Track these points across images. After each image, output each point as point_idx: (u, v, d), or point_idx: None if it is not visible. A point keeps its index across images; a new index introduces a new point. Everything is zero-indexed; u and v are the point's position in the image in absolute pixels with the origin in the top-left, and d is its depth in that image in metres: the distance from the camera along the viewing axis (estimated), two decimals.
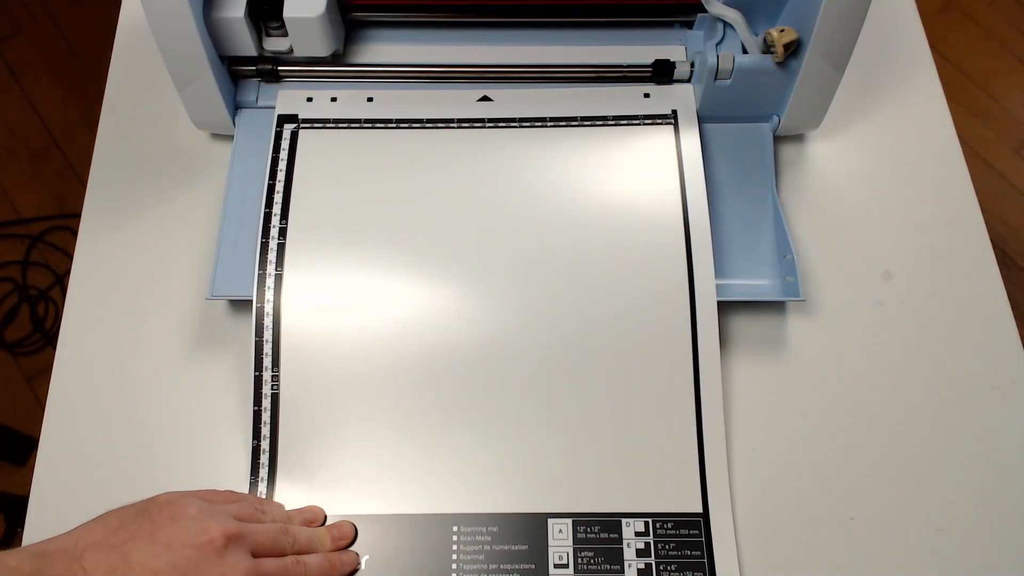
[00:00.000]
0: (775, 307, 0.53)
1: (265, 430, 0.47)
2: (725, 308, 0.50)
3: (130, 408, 0.50)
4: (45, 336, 1.25)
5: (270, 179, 0.52)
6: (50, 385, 0.50)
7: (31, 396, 1.21)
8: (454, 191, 0.52)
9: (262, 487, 0.46)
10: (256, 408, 0.47)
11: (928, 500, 0.48)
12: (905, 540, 0.47)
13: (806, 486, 0.48)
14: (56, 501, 0.47)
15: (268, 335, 0.48)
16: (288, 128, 0.54)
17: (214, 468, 0.48)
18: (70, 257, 0.55)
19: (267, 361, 0.48)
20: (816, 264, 0.54)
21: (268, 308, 0.49)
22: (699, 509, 0.46)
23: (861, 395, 0.51)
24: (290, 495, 0.46)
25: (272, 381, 0.48)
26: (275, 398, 0.47)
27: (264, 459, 0.46)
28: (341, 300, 0.49)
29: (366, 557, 0.44)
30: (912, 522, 0.48)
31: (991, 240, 0.55)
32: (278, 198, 0.51)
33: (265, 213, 0.51)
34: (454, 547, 0.45)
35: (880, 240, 0.55)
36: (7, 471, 1.13)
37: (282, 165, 0.53)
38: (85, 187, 0.56)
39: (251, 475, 0.46)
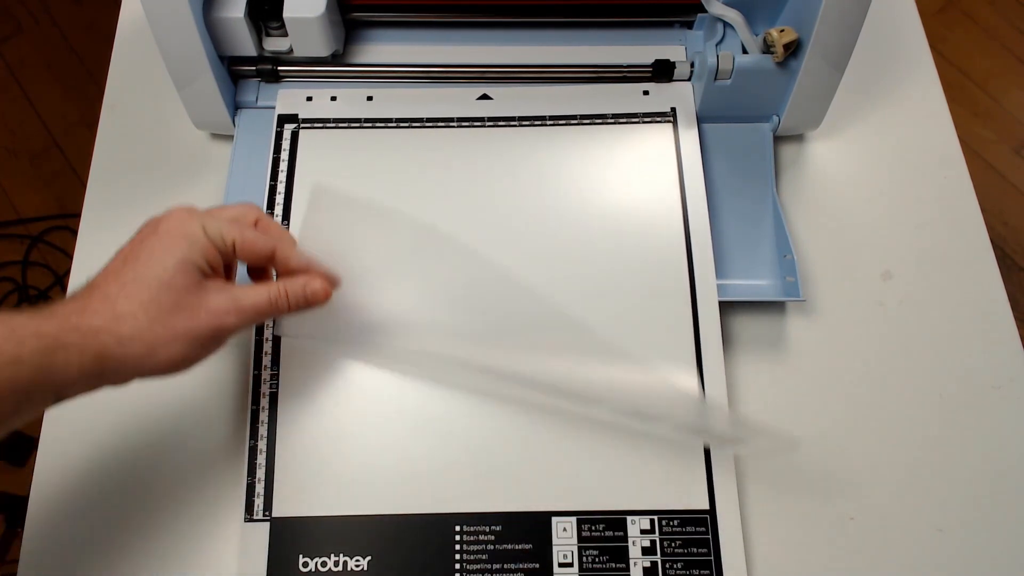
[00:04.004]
0: (775, 307, 0.53)
1: (263, 429, 0.47)
2: (725, 308, 0.50)
3: (130, 408, 0.50)
4: None
5: (271, 180, 0.52)
6: None
7: None
8: (454, 190, 0.52)
9: (260, 488, 0.46)
10: (254, 407, 0.47)
11: (928, 500, 0.48)
12: (905, 540, 0.47)
13: (806, 486, 0.48)
14: (56, 501, 0.47)
15: (268, 334, 0.48)
16: (288, 128, 0.54)
17: (214, 468, 0.48)
18: (70, 257, 0.55)
19: (267, 360, 0.48)
20: (816, 264, 0.54)
21: None
22: (706, 506, 0.45)
23: (861, 395, 0.51)
24: (289, 495, 0.46)
25: (271, 380, 0.47)
26: (274, 397, 0.47)
27: (261, 459, 0.46)
28: (343, 298, 0.49)
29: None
30: (912, 522, 0.48)
31: (991, 240, 0.55)
32: (280, 199, 0.52)
33: (267, 214, 0.51)
34: (457, 546, 0.45)
35: (880, 240, 0.55)
36: (7, 471, 1.13)
37: (283, 166, 0.53)
38: (85, 187, 0.56)
39: (248, 475, 0.46)
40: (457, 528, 0.45)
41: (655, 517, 0.45)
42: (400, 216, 0.47)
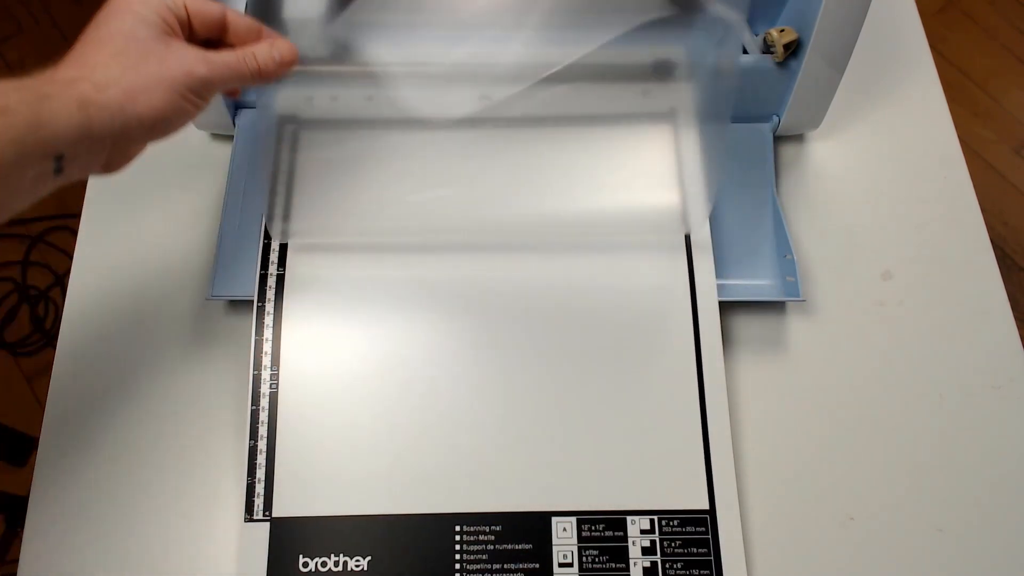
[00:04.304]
0: (775, 307, 0.53)
1: (263, 429, 0.47)
2: (725, 308, 0.50)
3: (130, 408, 0.50)
4: (45, 336, 1.25)
5: (272, 180, 0.52)
6: (50, 385, 0.50)
7: (31, 396, 1.21)
8: (452, 189, 0.52)
9: (260, 488, 0.46)
10: (254, 407, 0.47)
11: (928, 500, 0.48)
12: (905, 540, 0.47)
13: (805, 486, 0.48)
14: (56, 501, 0.47)
15: (268, 334, 0.48)
16: (289, 128, 0.54)
17: (214, 468, 0.48)
18: (70, 257, 0.55)
19: (266, 360, 0.48)
20: (816, 264, 0.54)
21: (269, 307, 0.49)
22: (706, 506, 0.46)
23: (861, 395, 0.51)
24: (289, 495, 0.46)
25: (271, 380, 0.48)
26: (273, 397, 0.47)
27: (261, 459, 0.46)
28: (343, 300, 0.49)
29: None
30: (912, 522, 0.48)
31: (991, 240, 0.55)
32: (280, 200, 0.51)
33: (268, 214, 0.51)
34: (457, 547, 0.45)
35: (880, 240, 0.55)
36: (7, 471, 1.13)
37: (284, 166, 0.53)
38: (85, 187, 0.56)
39: (248, 475, 0.46)
40: (457, 528, 0.45)
41: (655, 517, 0.45)
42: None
